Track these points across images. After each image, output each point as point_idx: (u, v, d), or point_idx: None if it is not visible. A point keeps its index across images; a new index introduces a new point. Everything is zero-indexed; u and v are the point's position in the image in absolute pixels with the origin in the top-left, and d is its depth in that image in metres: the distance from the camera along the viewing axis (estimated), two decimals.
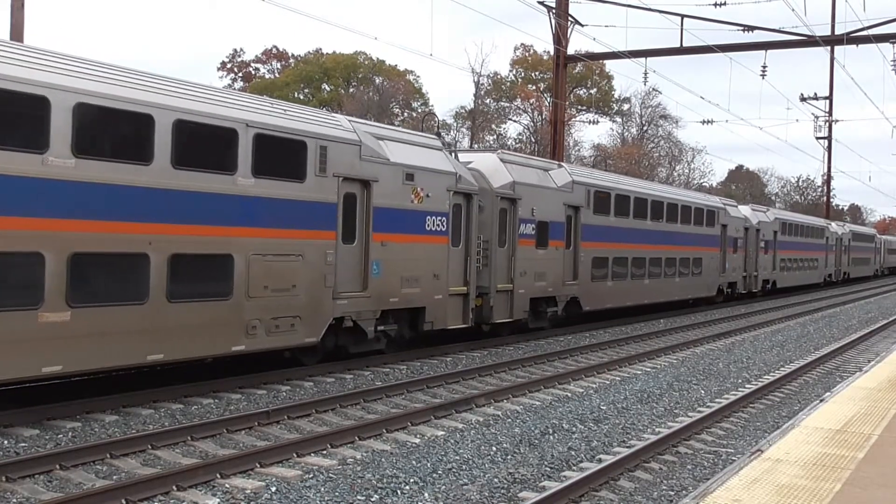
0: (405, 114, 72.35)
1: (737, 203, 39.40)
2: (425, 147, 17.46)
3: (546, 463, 9.93)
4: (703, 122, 56.80)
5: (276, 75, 79.16)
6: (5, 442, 9.86)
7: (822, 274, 52.09)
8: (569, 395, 14.30)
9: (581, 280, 23.05)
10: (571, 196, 22.64)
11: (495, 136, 73.66)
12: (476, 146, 59.17)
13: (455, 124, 73.34)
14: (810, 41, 31.64)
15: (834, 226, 56.56)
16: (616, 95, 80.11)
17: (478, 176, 19.11)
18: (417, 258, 16.64)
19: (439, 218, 17.25)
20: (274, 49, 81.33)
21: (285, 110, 14.07)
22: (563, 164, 24.17)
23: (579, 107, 76.95)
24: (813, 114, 57.26)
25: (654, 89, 73.10)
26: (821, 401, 11.04)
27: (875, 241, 72.73)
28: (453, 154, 18.95)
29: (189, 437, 10.30)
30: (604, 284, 24.42)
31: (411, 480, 9.02)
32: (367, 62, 75.83)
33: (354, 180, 15.13)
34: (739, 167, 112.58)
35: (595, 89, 78.53)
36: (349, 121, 15.63)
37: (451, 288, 17.67)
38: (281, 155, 13.64)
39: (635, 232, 26.28)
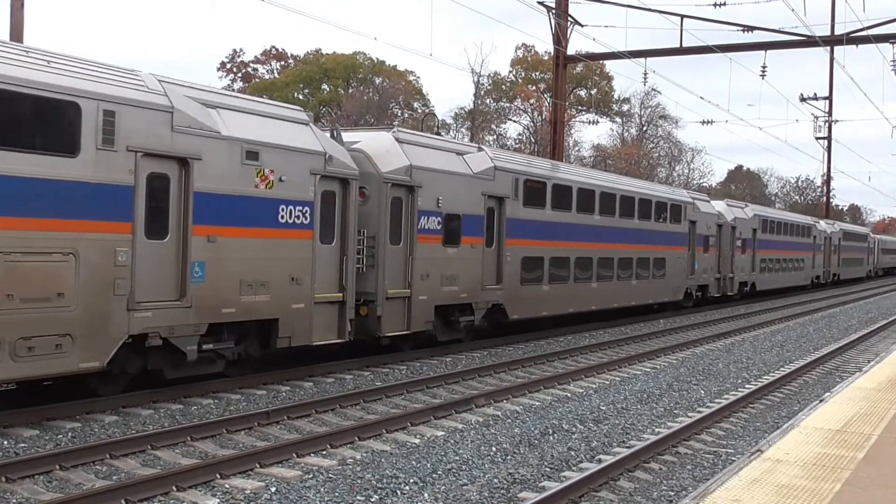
0: (405, 114, 72.36)
1: (709, 198, 36.36)
2: (281, 119, 14.12)
3: (546, 463, 9.93)
4: (703, 122, 56.82)
5: (276, 76, 79.15)
6: (5, 442, 9.87)
7: (809, 275, 48.88)
8: (568, 395, 14.30)
9: (507, 284, 19.74)
10: (493, 185, 19.22)
11: (495, 137, 73.71)
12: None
13: (455, 125, 73.38)
14: (810, 41, 31.63)
15: (822, 224, 53.60)
16: (616, 95, 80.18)
17: (362, 158, 15.84)
18: (265, 258, 13.35)
19: (300, 208, 13.95)
20: (273, 49, 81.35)
21: (49, 61, 10.70)
22: (483, 147, 20.38)
23: (579, 107, 76.98)
24: (813, 114, 57.29)
25: (653, 89, 73.17)
26: (820, 401, 11.04)
27: (868, 240, 68.94)
28: (334, 133, 15.98)
29: (189, 438, 10.30)
30: (538, 289, 21.08)
31: (411, 481, 9.02)
32: (366, 62, 75.80)
33: (164, 157, 11.85)
34: (739, 167, 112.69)
35: (595, 89, 78.56)
36: (159, 80, 12.20)
37: (318, 294, 14.34)
38: (33, 119, 10.33)
39: (580, 228, 23.01)
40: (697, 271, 31.35)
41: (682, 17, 31.30)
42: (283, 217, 13.68)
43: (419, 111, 72.01)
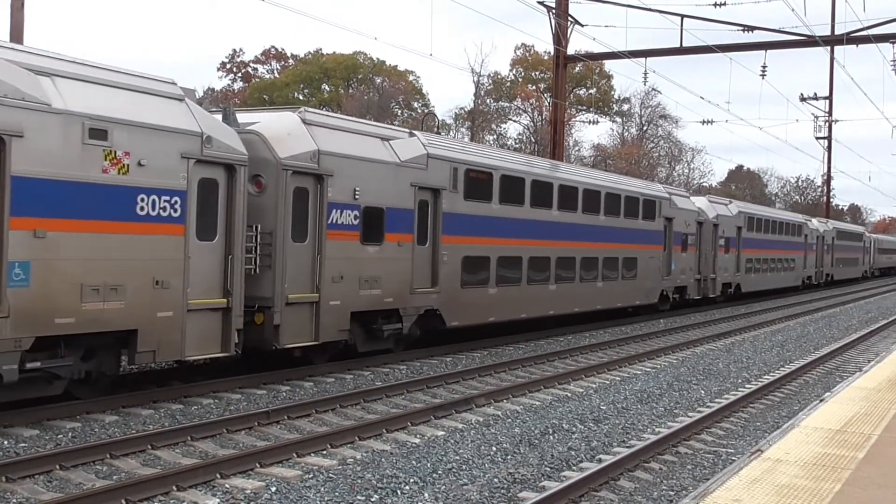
0: (405, 114, 72.38)
1: (689, 193, 33.99)
2: (142, 92, 11.90)
3: (546, 463, 9.93)
4: (703, 122, 56.82)
5: (276, 76, 79.16)
6: (5, 442, 9.87)
7: (800, 276, 46.70)
8: (569, 395, 14.31)
9: (444, 286, 17.57)
10: (426, 175, 16.97)
11: (495, 136, 73.73)
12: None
13: (455, 124, 73.39)
14: (810, 41, 31.64)
15: (814, 222, 51.45)
16: (616, 95, 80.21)
17: (257, 142, 13.85)
18: (118, 258, 11.23)
19: (167, 198, 11.76)
20: (273, 49, 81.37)
21: None
22: (416, 133, 17.71)
23: (579, 107, 77.00)
24: (813, 114, 57.30)
25: (653, 89, 73.13)
26: (821, 401, 11.04)
27: (864, 239, 66.63)
28: (227, 112, 14.11)
29: (189, 438, 10.30)
30: (482, 292, 18.89)
31: (411, 480, 9.02)
32: (367, 62, 75.83)
33: None
34: (739, 167, 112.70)
35: (595, 89, 78.58)
36: None
37: (194, 301, 12.24)
38: None
39: (535, 225, 20.74)
40: (674, 272, 29.13)
41: (682, 16, 31.33)
42: (142, 209, 11.51)
43: (419, 111, 72.03)
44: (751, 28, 30.96)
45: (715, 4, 31.45)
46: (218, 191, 12.83)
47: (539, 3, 30.53)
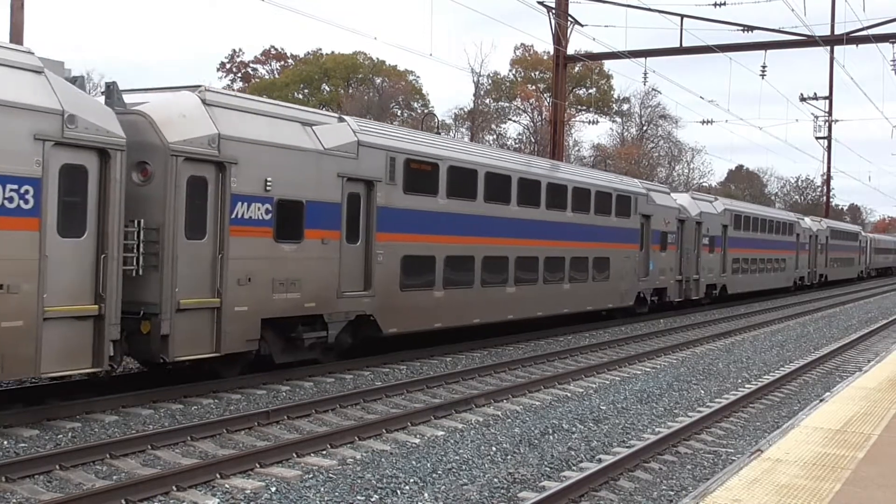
0: (405, 114, 72.39)
1: (669, 189, 32.12)
2: None
3: (546, 463, 9.93)
4: (703, 122, 56.81)
5: (276, 76, 79.18)
6: (5, 442, 9.87)
7: (792, 277, 44.83)
8: (568, 395, 14.31)
9: (380, 289, 15.80)
10: (356, 164, 15.22)
11: (495, 136, 73.73)
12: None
13: (454, 124, 73.40)
14: (810, 41, 31.65)
15: (807, 221, 49.47)
16: (616, 95, 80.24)
17: (143, 123, 12.17)
18: None
19: (14, 186, 10.04)
20: (273, 49, 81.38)
21: None
22: (346, 117, 16.14)
23: (579, 107, 77.02)
24: (813, 114, 57.29)
25: (653, 89, 73.17)
26: (821, 401, 11.04)
27: (859, 239, 64.42)
28: (110, 89, 12.45)
29: (189, 438, 10.30)
30: (427, 295, 17.10)
31: (411, 480, 9.02)
32: (366, 62, 75.86)
33: None
34: (739, 167, 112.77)
35: (594, 89, 78.59)
36: None
37: (52, 307, 10.47)
38: None
39: (490, 221, 18.96)
40: (653, 273, 27.24)
41: (682, 16, 31.35)
42: None
43: (419, 111, 72.05)
44: (750, 28, 31.00)
45: (715, 4, 31.49)
46: (87, 179, 11.01)
47: (539, 3, 30.55)
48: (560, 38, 32.00)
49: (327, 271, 14.70)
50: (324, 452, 9.97)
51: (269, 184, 13.56)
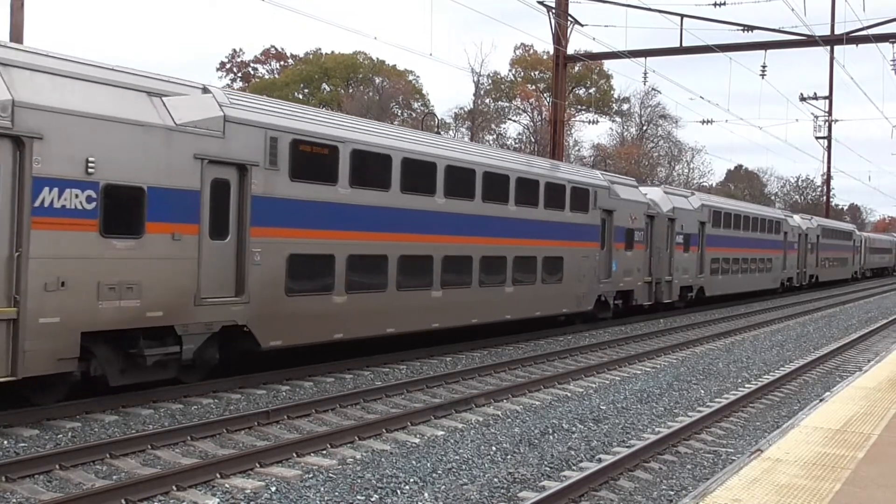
0: (405, 114, 72.40)
1: (637, 183, 29.17)
2: None
3: (546, 463, 9.93)
4: (703, 121, 56.81)
5: (276, 75, 79.20)
6: (5, 442, 9.87)
7: (779, 278, 42.31)
8: (568, 394, 14.31)
9: (257, 295, 13.35)
10: (223, 144, 12.75)
11: (495, 136, 73.74)
12: None
13: (455, 124, 73.41)
14: (810, 41, 31.65)
15: (796, 218, 46.97)
16: (615, 95, 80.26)
17: None
18: None
19: None
20: (273, 49, 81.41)
21: None
22: (212, 87, 13.31)
23: (579, 106, 77.04)
24: (813, 113, 57.31)
25: (653, 89, 73.20)
26: (820, 400, 11.04)
27: (853, 238, 61.44)
28: None
29: (189, 437, 10.30)
30: (323, 301, 14.61)
31: (411, 480, 9.02)
32: (366, 62, 75.89)
33: None
34: (739, 167, 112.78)
35: (594, 89, 78.61)
36: None
37: None
38: None
39: (408, 215, 16.51)
40: (616, 274, 24.76)
41: (682, 16, 31.35)
42: None
43: (419, 111, 72.06)
44: (750, 28, 30.98)
45: (715, 4, 31.49)
46: None
47: (539, 2, 30.54)
48: (560, 37, 32.00)
49: (180, 273, 12.10)
50: (324, 452, 9.98)
51: (91, 165, 11.02)
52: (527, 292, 20.37)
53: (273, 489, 8.56)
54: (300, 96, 72.09)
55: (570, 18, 31.76)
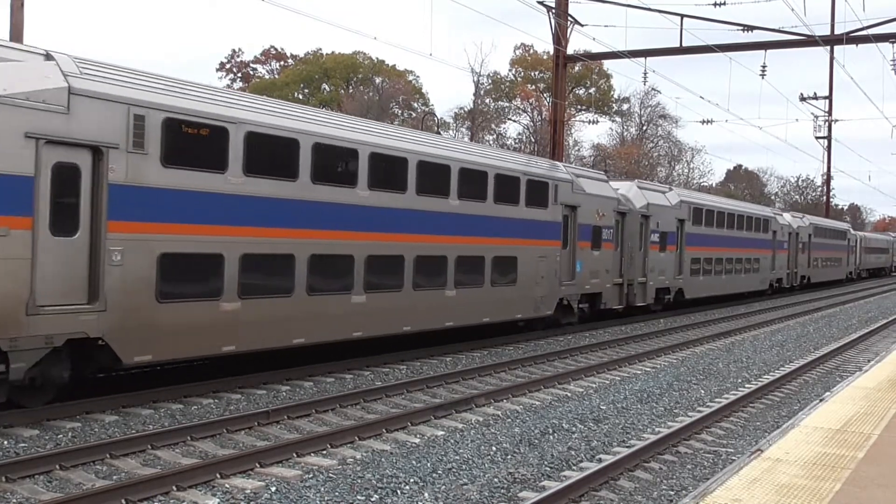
0: (405, 114, 72.41)
1: (608, 177, 27.33)
2: None
3: (546, 463, 9.93)
4: (703, 121, 56.82)
5: (276, 76, 79.22)
6: (5, 442, 9.87)
7: (767, 279, 40.29)
8: (569, 394, 14.31)
9: (118, 301, 11.38)
10: (67, 122, 10.78)
11: (495, 136, 73.75)
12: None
13: (455, 124, 73.43)
14: (810, 41, 31.65)
15: (786, 217, 44.89)
16: (615, 95, 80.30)
17: None
18: None
19: None
20: (273, 49, 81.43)
21: None
22: (57, 53, 11.14)
23: (579, 106, 77.07)
24: (813, 113, 57.34)
25: (653, 89, 73.23)
26: (821, 400, 11.04)
27: (847, 237, 59.33)
28: None
29: (189, 437, 10.30)
30: (208, 308, 12.61)
31: (411, 480, 9.02)
32: (366, 62, 75.92)
33: None
34: (738, 167, 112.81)
35: (594, 89, 78.63)
36: None
37: None
38: None
39: (320, 209, 14.45)
40: (581, 275, 22.74)
41: (682, 16, 31.36)
42: None
43: (419, 111, 72.07)
44: (750, 28, 31.00)
45: (715, 4, 31.50)
46: None
47: (539, 2, 30.54)
48: (560, 37, 32.00)
49: (4, 276, 10.13)
50: (324, 452, 9.97)
51: None
52: (472, 296, 18.32)
53: (273, 489, 8.55)
54: (300, 96, 72.10)
55: (570, 18, 31.77)
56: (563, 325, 22.72)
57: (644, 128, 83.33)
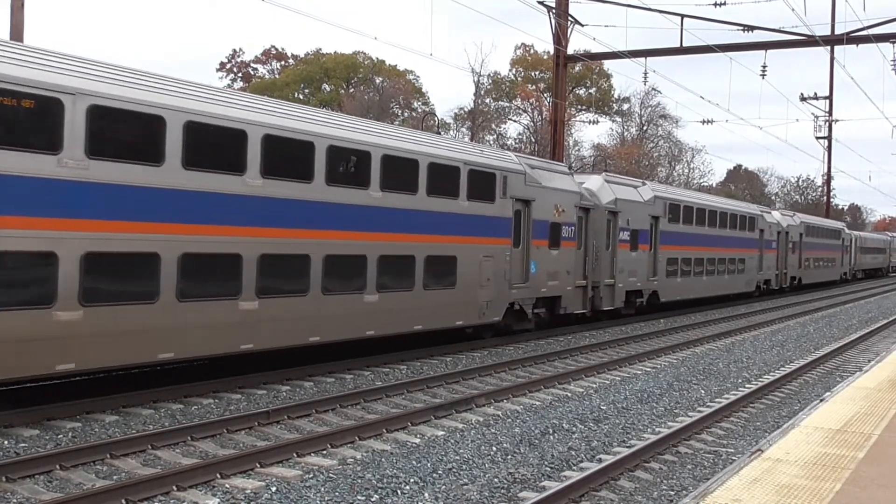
0: (405, 114, 72.40)
1: (571, 170, 25.17)
2: None
3: (546, 463, 9.93)
4: (703, 121, 56.81)
5: (276, 75, 79.22)
6: (5, 442, 9.87)
7: (754, 280, 38.10)
8: (569, 394, 14.30)
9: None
10: None
11: (495, 136, 73.74)
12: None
13: (455, 124, 73.41)
14: (810, 41, 31.65)
15: (775, 215, 42.68)
16: (616, 95, 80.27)
17: None
18: None
19: None
20: (273, 49, 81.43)
21: None
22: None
23: (579, 106, 77.05)
24: (813, 113, 57.34)
25: (653, 89, 73.20)
26: (821, 401, 11.04)
27: (842, 236, 56.93)
28: None
29: (189, 437, 10.30)
30: (39, 319, 10.38)
31: (411, 480, 9.02)
32: (367, 62, 75.91)
33: None
34: (738, 167, 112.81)
35: (594, 89, 78.62)
36: None
37: None
38: None
39: (202, 200, 12.39)
40: (536, 277, 20.47)
41: (682, 16, 31.35)
42: None
43: (419, 111, 72.07)
44: (751, 28, 30.99)
45: (715, 4, 31.49)
46: None
47: (539, 2, 30.54)
48: (560, 37, 32.00)
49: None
50: (324, 452, 9.98)
51: None
52: (399, 301, 16.18)
53: (273, 489, 8.55)
54: (300, 96, 72.10)
55: (570, 18, 31.76)
56: (516, 332, 20.76)
57: (644, 128, 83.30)
